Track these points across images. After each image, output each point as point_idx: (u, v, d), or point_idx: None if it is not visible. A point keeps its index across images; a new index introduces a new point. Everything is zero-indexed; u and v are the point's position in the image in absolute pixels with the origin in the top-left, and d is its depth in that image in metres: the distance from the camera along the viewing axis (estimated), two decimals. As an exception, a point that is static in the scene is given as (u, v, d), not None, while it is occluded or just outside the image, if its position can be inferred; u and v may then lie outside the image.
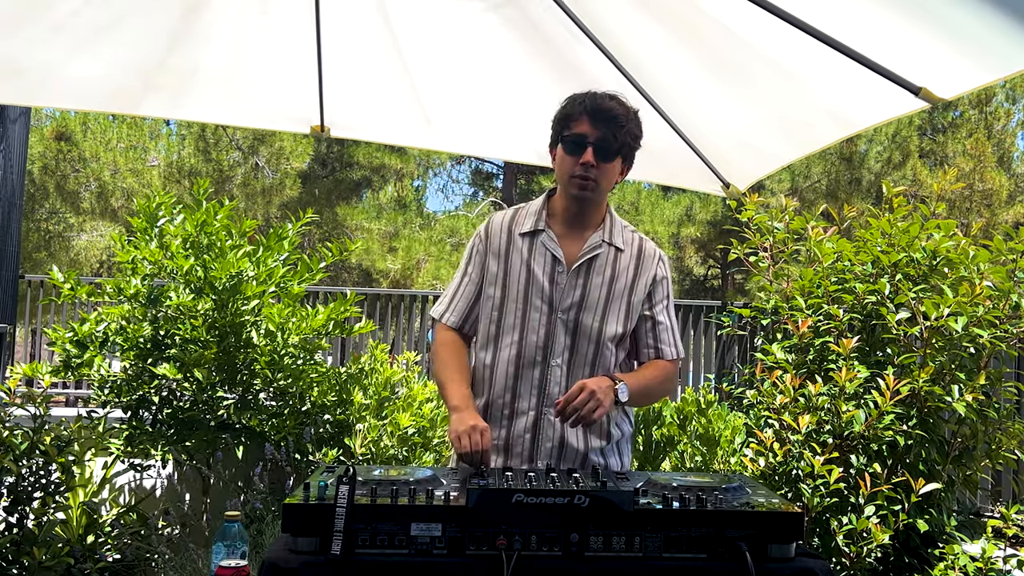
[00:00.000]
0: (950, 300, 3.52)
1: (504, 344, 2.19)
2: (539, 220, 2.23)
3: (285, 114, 3.70)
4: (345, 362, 6.98)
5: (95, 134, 13.85)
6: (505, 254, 2.22)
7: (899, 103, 2.55)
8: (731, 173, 3.51)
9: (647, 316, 2.27)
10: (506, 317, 2.19)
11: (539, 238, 2.21)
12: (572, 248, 2.21)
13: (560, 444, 2.16)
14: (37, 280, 7.66)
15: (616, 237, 2.24)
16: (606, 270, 2.21)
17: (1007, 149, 16.25)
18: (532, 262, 2.19)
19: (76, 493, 3.92)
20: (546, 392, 2.16)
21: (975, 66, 2.32)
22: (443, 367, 2.24)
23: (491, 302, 2.22)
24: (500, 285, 2.21)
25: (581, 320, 2.17)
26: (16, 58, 3.14)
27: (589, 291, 2.18)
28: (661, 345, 2.28)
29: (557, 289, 2.18)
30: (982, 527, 3.80)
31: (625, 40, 2.99)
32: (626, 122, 2.15)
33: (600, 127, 2.12)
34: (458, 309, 2.28)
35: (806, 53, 2.54)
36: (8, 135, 7.14)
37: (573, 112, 2.16)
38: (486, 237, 2.27)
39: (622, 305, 2.21)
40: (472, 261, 2.29)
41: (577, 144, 2.14)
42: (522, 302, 2.18)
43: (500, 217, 2.29)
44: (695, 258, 18.26)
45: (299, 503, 1.64)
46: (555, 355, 2.16)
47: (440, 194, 36.02)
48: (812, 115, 2.99)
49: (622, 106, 2.17)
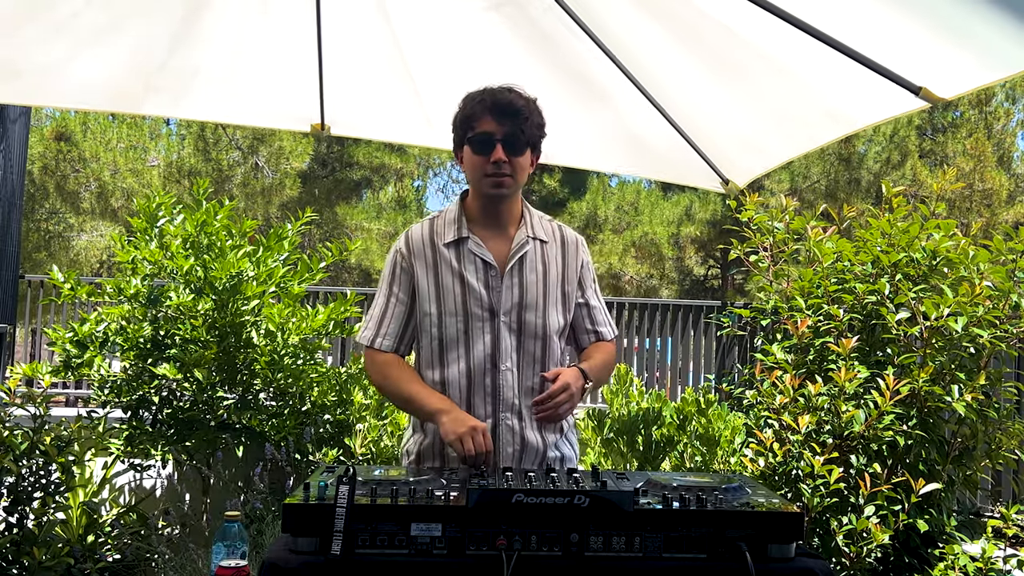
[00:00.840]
0: (950, 300, 3.52)
1: (451, 359, 2.15)
2: (460, 227, 2.18)
3: (286, 112, 3.70)
4: (345, 362, 6.98)
5: (95, 134, 13.85)
6: (434, 267, 2.17)
7: (899, 102, 2.55)
8: (730, 170, 3.52)
9: (581, 303, 2.28)
10: (447, 331, 2.14)
11: (465, 245, 2.17)
12: (500, 249, 2.18)
13: (521, 445, 2.15)
14: (37, 280, 7.66)
15: (538, 230, 2.23)
16: (537, 265, 2.19)
17: (1007, 149, 16.24)
18: (464, 271, 2.15)
19: (76, 493, 3.93)
20: (500, 398, 2.14)
21: (975, 66, 2.32)
22: (400, 382, 2.17)
23: (428, 319, 2.16)
24: (435, 300, 2.15)
25: (524, 320, 2.15)
26: (16, 58, 3.14)
27: (526, 289, 2.16)
28: (599, 328, 2.31)
29: (494, 293, 2.14)
30: (982, 527, 3.80)
31: (625, 38, 2.99)
32: (529, 113, 2.13)
33: (505, 122, 2.10)
34: (390, 332, 2.20)
35: (806, 52, 2.54)
36: (8, 135, 7.15)
37: (474, 111, 2.13)
38: (408, 253, 2.20)
39: (559, 296, 2.21)
40: (397, 280, 2.21)
41: (485, 143, 2.11)
42: (462, 313, 2.14)
43: (418, 231, 2.23)
44: (695, 258, 18.25)
45: (299, 503, 1.64)
46: (504, 360, 2.14)
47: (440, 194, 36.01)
48: (811, 113, 2.99)
49: (522, 98, 2.15)
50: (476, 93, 2.17)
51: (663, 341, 7.93)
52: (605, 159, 4.09)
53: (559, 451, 2.23)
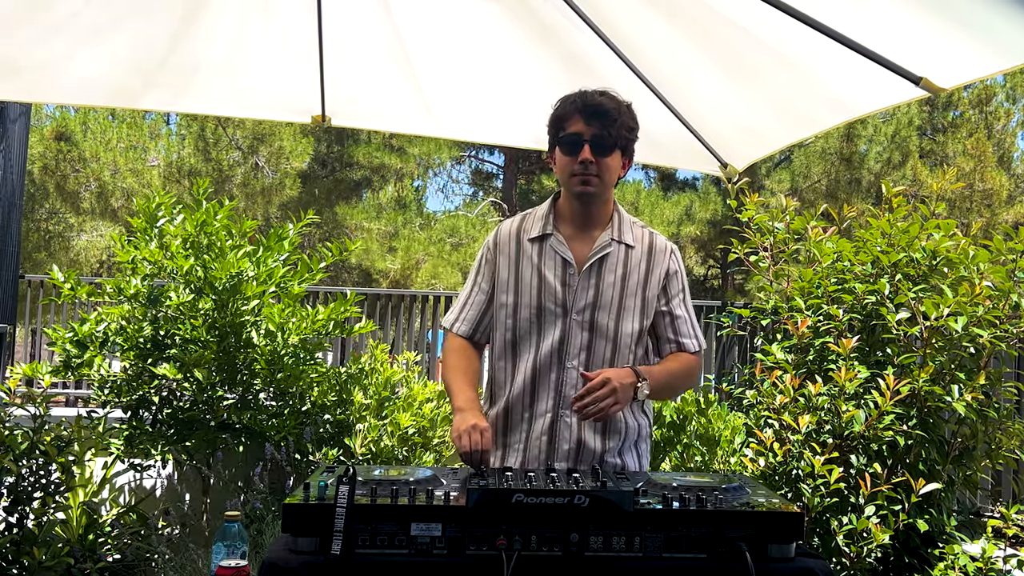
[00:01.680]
0: (950, 300, 3.52)
1: (522, 350, 2.20)
2: (547, 224, 2.23)
3: (286, 104, 3.70)
4: (345, 362, 6.97)
5: (95, 134, 13.84)
6: (516, 261, 2.23)
7: (899, 91, 2.54)
8: (728, 154, 3.52)
9: (664, 311, 2.26)
10: (521, 323, 2.20)
11: (548, 242, 2.21)
12: (582, 249, 2.21)
13: (577, 445, 2.16)
14: (37, 280, 7.65)
15: (625, 234, 2.24)
16: (617, 268, 2.20)
17: (1007, 149, 16.23)
18: (543, 266, 2.20)
19: (76, 493, 3.92)
20: (562, 394, 2.16)
21: (976, 56, 2.31)
22: (451, 372, 2.25)
23: (504, 310, 2.23)
24: (512, 292, 2.22)
25: (596, 320, 2.17)
26: (16, 55, 3.14)
27: (602, 291, 2.18)
28: (681, 338, 2.27)
29: (569, 291, 2.18)
30: (982, 527, 3.80)
31: (623, 26, 2.99)
32: (619, 116, 2.15)
33: (594, 123, 2.13)
34: (468, 318, 2.29)
35: (806, 41, 2.53)
36: (8, 135, 7.14)
37: (565, 113, 2.17)
38: (495, 246, 2.28)
39: (636, 302, 2.21)
40: (481, 271, 2.30)
41: (573, 143, 2.15)
42: (536, 307, 2.19)
43: (508, 225, 2.30)
44: (695, 258, 18.26)
45: (299, 503, 1.64)
46: (571, 357, 2.17)
47: (440, 194, 36.01)
48: (811, 100, 2.99)
49: (613, 100, 2.17)
50: (570, 95, 2.20)
51: (663, 341, 7.92)
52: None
53: (620, 459, 2.21)
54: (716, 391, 5.20)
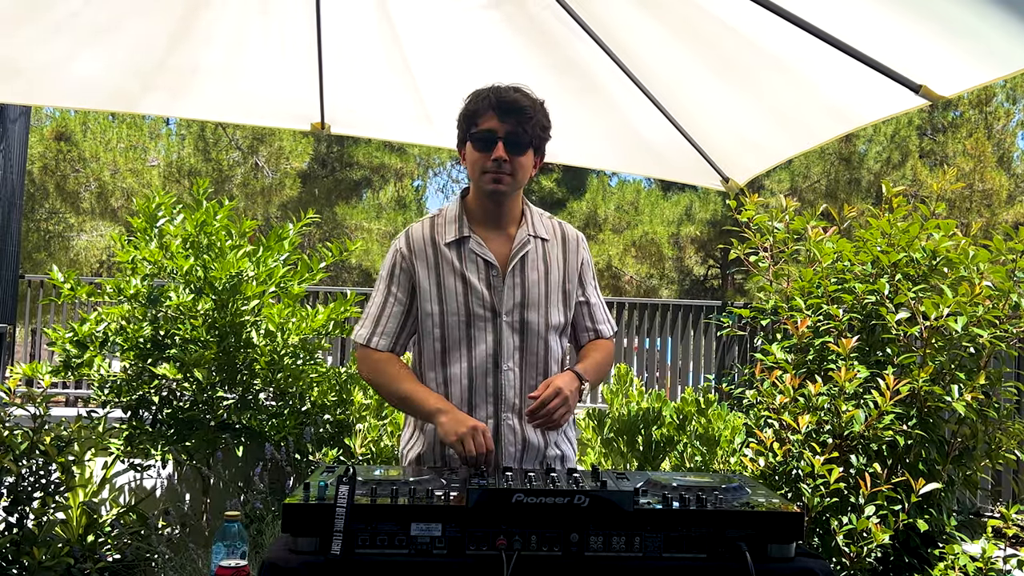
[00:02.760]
0: (950, 300, 3.52)
1: (453, 359, 2.14)
2: (462, 226, 2.17)
3: (286, 111, 3.70)
4: (345, 362, 6.97)
5: (95, 134, 13.84)
6: (435, 267, 2.16)
7: (899, 100, 2.55)
8: (730, 168, 3.52)
9: (582, 301, 2.28)
10: (450, 332, 2.14)
11: (467, 245, 2.15)
12: (501, 248, 2.17)
13: (523, 445, 2.15)
14: (37, 280, 7.66)
15: (539, 228, 2.22)
16: (539, 264, 2.19)
17: (1007, 149, 16.23)
18: (465, 271, 2.14)
19: (76, 493, 3.92)
20: (502, 398, 2.13)
21: (976, 64, 2.31)
22: (397, 381, 2.15)
23: (430, 319, 2.15)
24: (436, 300, 2.14)
25: (526, 319, 2.15)
26: (16, 57, 3.14)
27: (528, 289, 2.16)
28: (599, 325, 2.31)
29: (496, 293, 2.14)
30: (982, 527, 3.80)
31: (624, 36, 2.99)
32: (534, 113, 2.12)
33: (508, 120, 2.09)
34: (387, 331, 2.18)
35: (806, 50, 2.53)
36: (8, 135, 7.14)
37: (479, 108, 2.12)
38: (409, 252, 2.18)
39: (559, 295, 2.21)
40: (395, 279, 2.19)
41: (486, 140, 2.10)
42: (464, 313, 2.13)
43: (418, 230, 2.21)
44: (695, 258, 18.25)
45: (299, 503, 1.64)
46: (506, 359, 2.13)
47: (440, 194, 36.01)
48: (811, 111, 2.99)
49: (528, 98, 2.13)
50: (482, 90, 2.15)
51: (663, 341, 7.93)
52: (604, 157, 4.09)
53: (559, 449, 2.23)
54: (716, 391, 5.20)
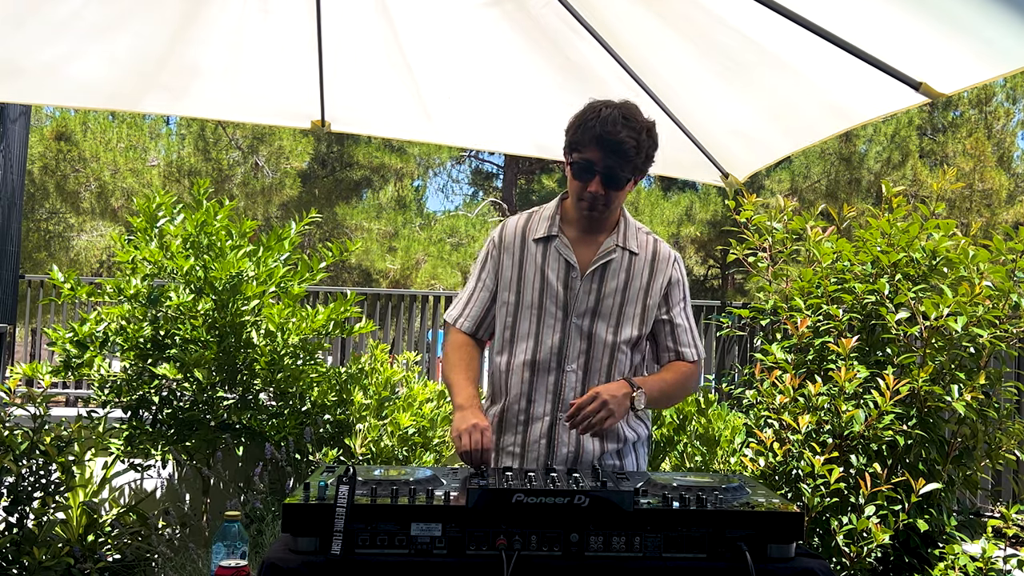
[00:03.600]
0: (950, 300, 3.52)
1: (519, 349, 2.19)
2: (552, 225, 2.22)
3: (286, 109, 3.70)
4: (345, 362, 6.97)
5: (95, 134, 13.84)
6: (519, 259, 2.22)
7: (899, 98, 2.55)
8: (730, 163, 3.52)
9: (664, 319, 2.25)
10: (520, 323, 2.19)
11: (553, 243, 2.20)
12: (586, 253, 2.20)
13: (576, 449, 2.15)
14: (37, 280, 7.66)
15: (630, 241, 2.23)
16: (620, 274, 2.20)
17: (1007, 149, 16.22)
18: (546, 268, 2.19)
19: (76, 493, 3.93)
20: (561, 398, 2.15)
21: (976, 62, 2.31)
22: (451, 368, 2.24)
23: (506, 308, 2.22)
24: (514, 291, 2.21)
25: (595, 326, 2.17)
26: (17, 57, 3.14)
27: (603, 296, 2.18)
28: (680, 348, 2.27)
29: (571, 295, 2.17)
30: (982, 527, 3.80)
31: (623, 33, 2.99)
32: (636, 153, 2.10)
33: (609, 157, 2.08)
34: (472, 315, 2.28)
35: (806, 47, 2.54)
36: (8, 135, 7.15)
37: (582, 139, 2.10)
38: (500, 242, 2.26)
39: (637, 309, 2.20)
40: (486, 267, 2.28)
41: (585, 170, 2.12)
42: (536, 308, 2.18)
43: (514, 222, 2.28)
44: (695, 258, 18.25)
45: (299, 503, 1.64)
46: (570, 361, 2.16)
47: (440, 194, 36.07)
48: (811, 108, 2.99)
49: (633, 133, 2.08)
50: (591, 116, 2.10)
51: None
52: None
53: (619, 460, 2.21)
54: (716, 391, 5.20)
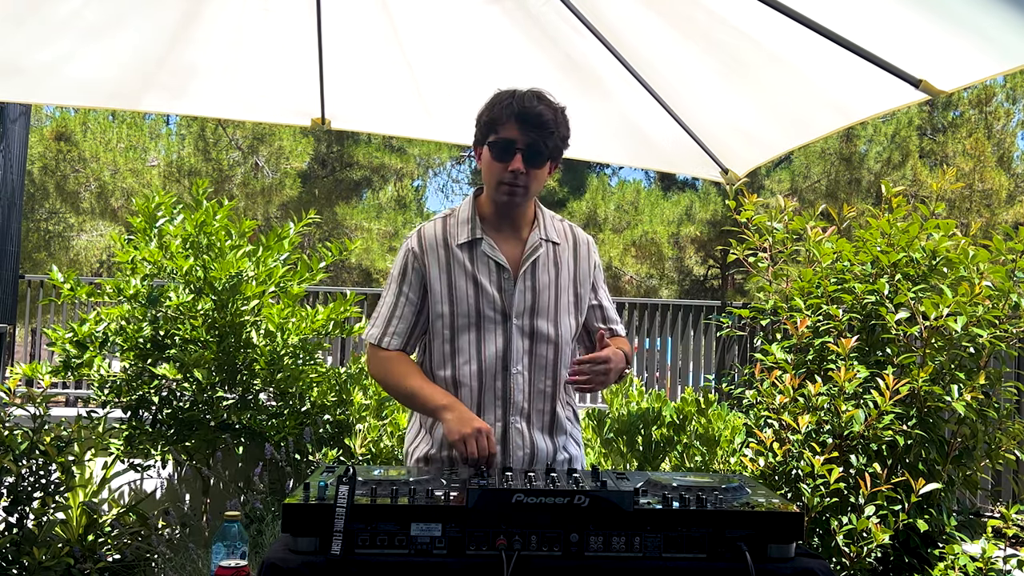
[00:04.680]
0: (949, 300, 3.52)
1: (461, 361, 2.13)
2: (474, 227, 2.16)
3: (286, 107, 3.70)
4: (345, 362, 6.97)
5: (95, 134, 13.84)
6: (447, 268, 2.14)
7: (899, 95, 2.55)
8: (729, 160, 3.52)
9: (595, 304, 2.28)
10: (459, 333, 2.13)
11: (479, 247, 2.15)
12: (512, 251, 2.16)
13: (531, 449, 2.14)
14: (37, 280, 7.66)
15: (551, 231, 2.21)
16: (550, 268, 2.18)
17: (1007, 149, 16.22)
18: (477, 273, 2.13)
19: (76, 493, 3.92)
20: (511, 401, 2.12)
21: (976, 58, 2.31)
22: (404, 378, 2.15)
23: (441, 320, 2.14)
24: (447, 301, 2.13)
25: (536, 324, 2.14)
26: (17, 56, 3.15)
27: (539, 292, 2.15)
28: (613, 326, 2.31)
29: (507, 297, 2.13)
30: (982, 527, 3.80)
31: (624, 30, 2.99)
32: (555, 127, 2.09)
33: (529, 132, 2.06)
34: (399, 331, 2.17)
35: (805, 44, 2.53)
36: (8, 134, 7.15)
37: (500, 116, 2.08)
38: (421, 252, 2.17)
39: (571, 298, 2.20)
40: (407, 279, 2.17)
41: (505, 150, 2.08)
42: (474, 315, 2.12)
43: (431, 229, 2.20)
44: (695, 258, 18.24)
45: (299, 503, 1.64)
46: (515, 363, 2.12)
47: (440, 194, 36.06)
48: (811, 105, 2.99)
49: (550, 108, 2.09)
50: (505, 96, 2.10)
51: (663, 341, 7.93)
52: (604, 150, 4.09)
53: (567, 452, 2.23)
54: (716, 391, 5.20)
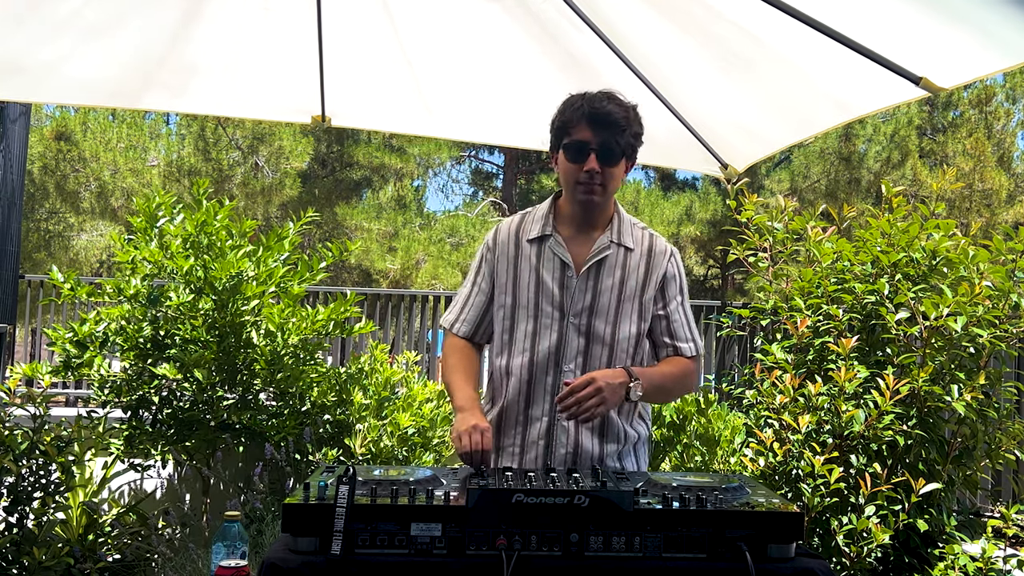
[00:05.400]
0: (949, 300, 3.52)
1: (517, 351, 2.18)
2: (546, 224, 2.21)
3: (286, 104, 3.71)
4: (345, 362, 6.97)
5: (95, 134, 13.84)
6: (514, 261, 2.21)
7: (899, 91, 2.54)
8: (728, 155, 3.52)
9: (660, 315, 2.23)
10: (518, 324, 2.19)
11: (547, 243, 2.19)
12: (581, 251, 2.19)
13: (575, 449, 2.14)
14: (37, 280, 7.65)
15: (625, 236, 2.21)
16: (616, 271, 2.18)
17: (1007, 149, 16.22)
18: (541, 268, 2.18)
19: (76, 493, 3.92)
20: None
21: (976, 55, 2.31)
22: (451, 371, 2.25)
23: (503, 310, 2.22)
24: (510, 293, 2.20)
25: (593, 324, 2.16)
26: (18, 55, 3.15)
27: (600, 294, 2.16)
28: (678, 343, 2.25)
29: (567, 294, 2.16)
30: (982, 527, 3.80)
31: (623, 26, 3.00)
32: (627, 124, 2.12)
33: (601, 132, 2.09)
34: (468, 319, 2.28)
35: (806, 41, 2.53)
36: (8, 134, 7.14)
37: (572, 118, 2.12)
38: (494, 245, 2.26)
39: (634, 306, 2.19)
40: (480, 271, 2.28)
41: (579, 151, 2.11)
42: (533, 308, 2.17)
43: (507, 224, 2.28)
44: (695, 258, 18.26)
45: (299, 503, 1.64)
46: (567, 360, 2.15)
47: (440, 194, 36.07)
48: (811, 101, 2.99)
49: (621, 107, 2.12)
50: (575, 98, 2.14)
51: (663, 341, 7.92)
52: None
53: (620, 463, 2.19)
54: (716, 391, 5.20)
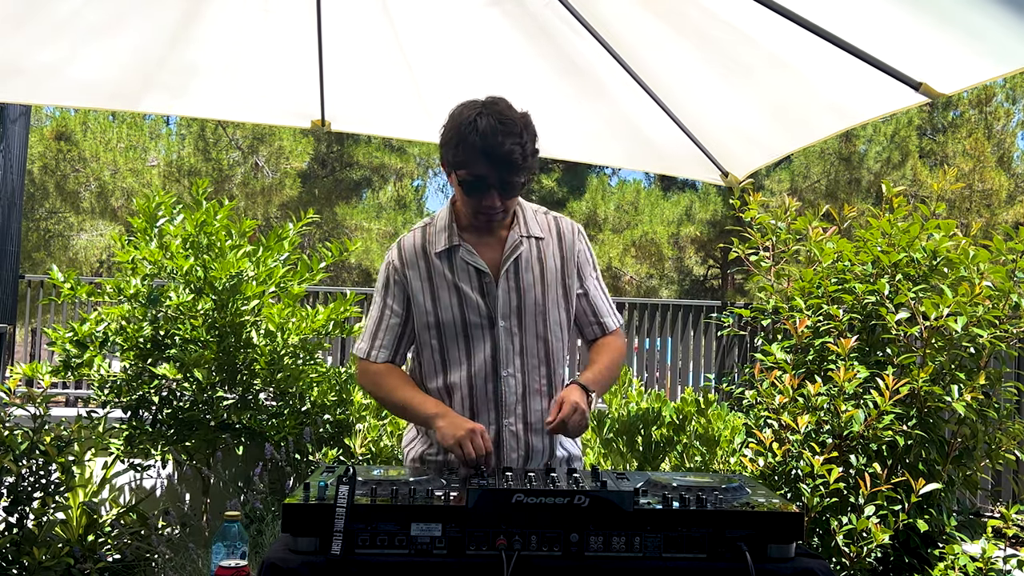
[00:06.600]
0: (950, 300, 3.52)
1: (453, 368, 2.12)
2: (451, 235, 2.13)
3: (286, 109, 3.70)
4: (345, 362, 6.97)
5: (95, 134, 13.84)
6: (428, 279, 2.13)
7: (899, 97, 2.55)
8: (729, 162, 3.51)
9: (581, 294, 2.22)
10: (448, 343, 2.12)
11: (457, 254, 2.12)
12: (492, 254, 2.13)
13: (526, 451, 2.14)
14: (37, 280, 7.65)
15: (532, 227, 2.17)
16: (534, 266, 2.14)
17: (1007, 149, 16.22)
18: (458, 281, 2.11)
19: (76, 493, 3.92)
20: (503, 403, 2.12)
21: (976, 61, 2.31)
22: (395, 390, 2.15)
23: (428, 331, 2.14)
24: (433, 313, 2.12)
25: (524, 323, 2.12)
26: (18, 57, 3.15)
27: (524, 293, 2.12)
28: (602, 318, 2.25)
29: (491, 300, 2.11)
30: (982, 527, 3.80)
31: (623, 32, 2.99)
32: (523, 161, 2.01)
33: (500, 170, 2.00)
34: (385, 344, 2.18)
35: (806, 46, 2.53)
36: (8, 135, 7.15)
37: (467, 157, 2.00)
38: (401, 265, 2.16)
39: (559, 293, 2.16)
40: (390, 292, 2.18)
41: (476, 188, 2.03)
42: (460, 324, 2.11)
43: (410, 241, 2.18)
44: (695, 258, 18.24)
45: (299, 503, 1.64)
46: (506, 365, 2.11)
47: (440, 194, 36.03)
48: (811, 107, 2.99)
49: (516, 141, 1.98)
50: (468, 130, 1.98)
51: (663, 341, 7.93)
52: (604, 152, 4.09)
53: (564, 449, 2.22)
54: (716, 391, 5.20)
